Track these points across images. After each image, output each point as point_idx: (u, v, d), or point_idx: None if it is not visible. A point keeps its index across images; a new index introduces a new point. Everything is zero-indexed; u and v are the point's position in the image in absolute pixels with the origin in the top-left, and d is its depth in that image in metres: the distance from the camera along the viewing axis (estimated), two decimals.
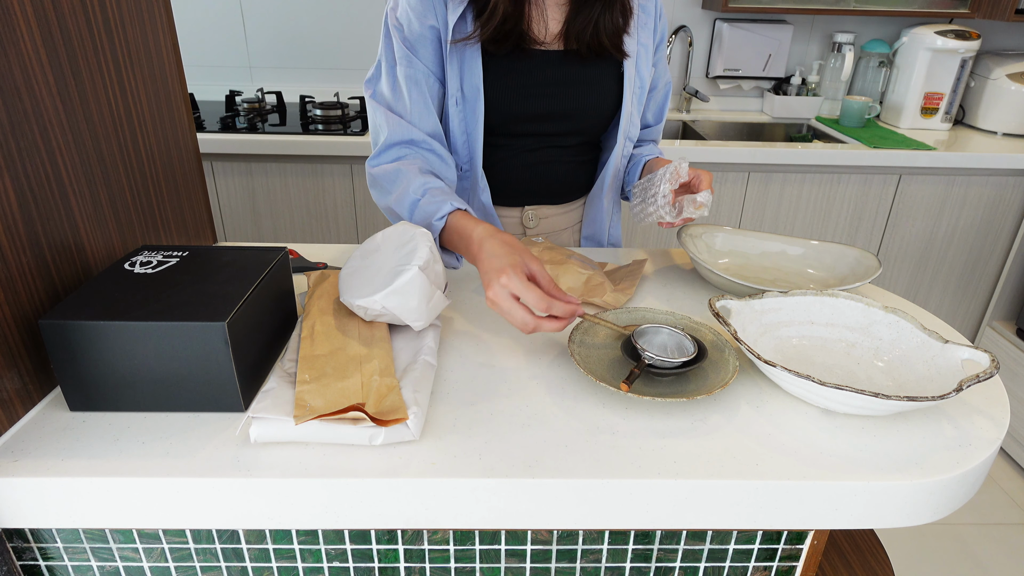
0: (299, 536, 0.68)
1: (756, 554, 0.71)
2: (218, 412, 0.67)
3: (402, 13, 0.97)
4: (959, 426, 0.67)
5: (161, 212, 0.90)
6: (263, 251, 0.77)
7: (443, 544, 0.69)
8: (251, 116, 2.08)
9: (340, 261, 1.03)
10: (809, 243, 1.01)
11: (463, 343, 0.81)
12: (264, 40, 2.32)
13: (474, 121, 1.01)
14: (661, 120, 1.21)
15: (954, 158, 1.96)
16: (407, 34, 0.97)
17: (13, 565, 0.67)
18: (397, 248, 0.77)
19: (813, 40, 2.40)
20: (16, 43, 0.64)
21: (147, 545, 0.68)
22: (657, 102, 1.18)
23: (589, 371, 0.71)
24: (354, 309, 0.75)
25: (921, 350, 0.73)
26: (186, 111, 0.97)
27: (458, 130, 1.02)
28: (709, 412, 0.69)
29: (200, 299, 0.65)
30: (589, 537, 0.69)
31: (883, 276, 2.18)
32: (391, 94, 1.00)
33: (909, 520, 0.62)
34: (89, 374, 0.64)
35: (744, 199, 2.03)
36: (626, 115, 1.08)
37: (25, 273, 0.65)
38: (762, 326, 0.79)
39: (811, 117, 2.39)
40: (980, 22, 2.32)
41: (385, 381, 0.66)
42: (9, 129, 0.63)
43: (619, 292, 0.91)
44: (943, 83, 2.21)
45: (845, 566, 0.96)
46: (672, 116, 2.40)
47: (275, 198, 2.00)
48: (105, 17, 0.77)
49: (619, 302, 0.89)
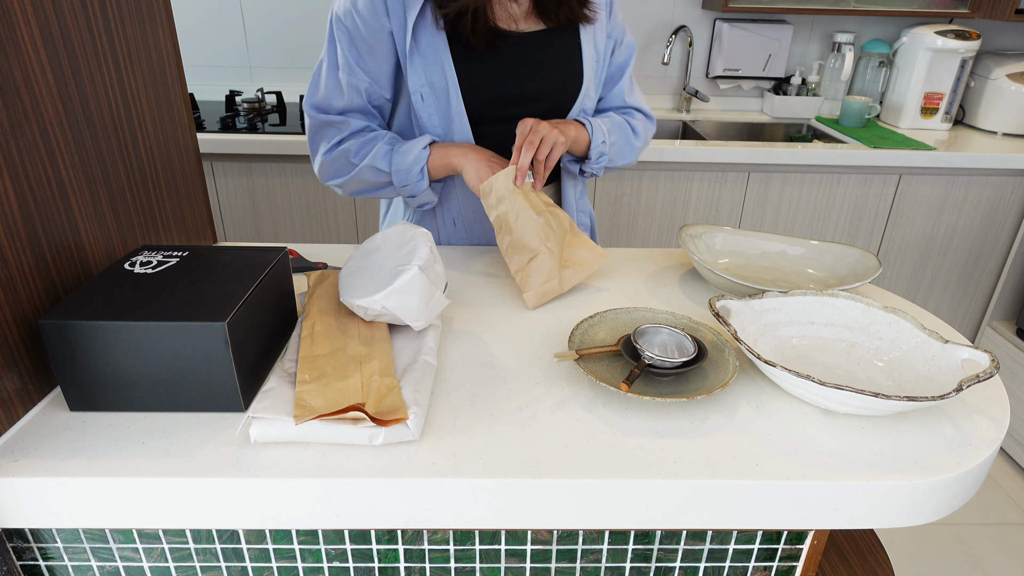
0: (299, 536, 0.68)
1: (756, 554, 0.71)
2: (218, 412, 0.67)
3: (346, 16, 0.96)
4: (959, 426, 0.67)
5: (161, 212, 0.90)
6: (263, 251, 0.77)
7: (443, 544, 0.69)
8: (251, 116, 2.08)
9: (340, 261, 1.03)
10: (809, 243, 1.01)
11: (463, 343, 0.81)
12: (264, 40, 2.32)
13: (447, 113, 1.02)
14: (621, 79, 1.18)
15: (954, 158, 1.96)
16: (354, 39, 0.97)
17: (13, 565, 0.67)
18: (397, 248, 0.77)
19: (813, 40, 2.40)
20: (16, 43, 0.64)
21: (147, 545, 0.68)
22: (617, 63, 1.17)
23: (589, 371, 0.71)
24: (354, 309, 0.75)
25: (921, 350, 0.73)
26: (186, 111, 0.97)
27: (430, 124, 1.02)
28: (709, 412, 0.69)
29: (200, 299, 0.65)
30: (589, 537, 0.69)
31: (883, 276, 2.18)
32: (332, 95, 1.01)
33: (909, 520, 0.62)
34: (89, 374, 0.64)
35: (744, 199, 2.03)
36: (584, 89, 1.09)
37: (25, 273, 0.65)
38: (762, 326, 0.79)
39: (811, 117, 2.39)
40: (980, 22, 2.32)
41: (385, 381, 0.66)
42: (9, 129, 0.63)
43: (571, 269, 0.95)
44: (943, 83, 2.21)
45: (845, 566, 0.96)
46: (672, 116, 2.40)
47: (275, 198, 2.00)
48: (105, 17, 0.77)
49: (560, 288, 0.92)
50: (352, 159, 1.02)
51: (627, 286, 0.97)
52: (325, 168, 1.05)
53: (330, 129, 1.02)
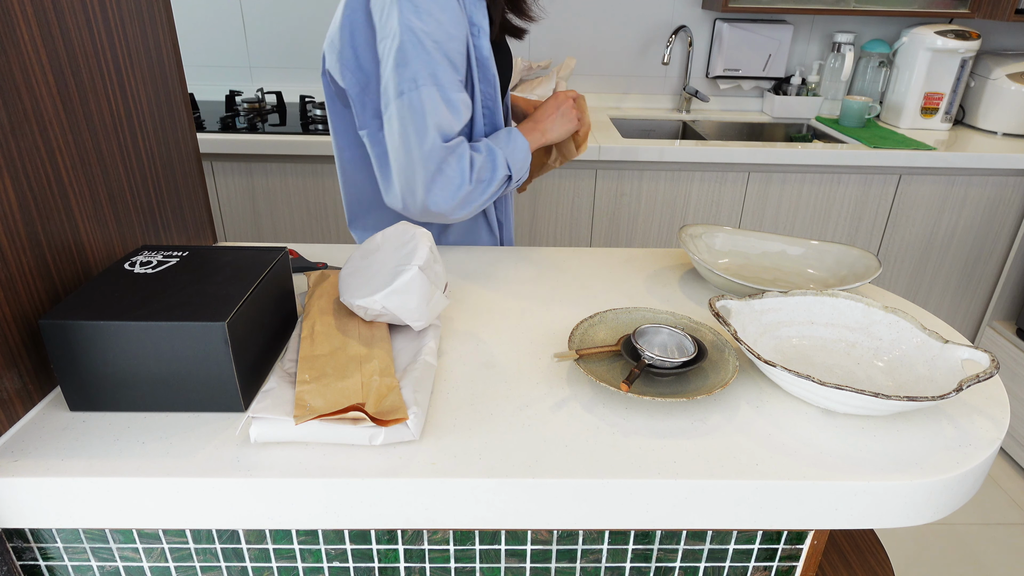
0: (299, 536, 0.68)
1: (756, 554, 0.71)
2: (218, 412, 0.67)
3: (435, 29, 0.89)
4: (959, 426, 0.67)
5: (161, 212, 0.90)
6: (263, 251, 0.77)
7: (443, 544, 0.69)
8: (251, 116, 2.08)
9: (340, 261, 1.03)
10: (809, 243, 1.01)
11: (463, 343, 0.81)
12: (264, 40, 2.32)
13: (493, 95, 1.03)
14: None
15: (954, 158, 1.96)
16: (449, 52, 0.91)
17: (13, 565, 0.67)
18: (397, 248, 0.77)
19: (813, 40, 2.40)
20: (16, 43, 0.64)
21: (147, 545, 0.68)
22: None
23: (589, 371, 0.71)
24: (354, 309, 0.75)
25: (921, 350, 0.73)
26: (186, 111, 0.97)
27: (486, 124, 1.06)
28: (709, 412, 0.69)
29: (200, 299, 0.65)
30: (589, 537, 0.69)
31: (883, 276, 2.18)
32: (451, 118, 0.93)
33: (909, 520, 0.62)
34: (89, 374, 0.64)
35: (744, 199, 2.03)
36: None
37: (25, 273, 0.65)
38: (762, 326, 0.79)
39: (811, 117, 2.39)
40: (980, 22, 2.32)
41: (385, 381, 0.66)
42: (9, 129, 0.63)
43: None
44: (943, 83, 2.21)
45: (845, 566, 0.96)
46: (672, 116, 2.40)
47: (275, 198, 2.00)
48: (105, 17, 0.77)
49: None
50: (484, 177, 0.97)
51: (627, 286, 0.97)
52: (470, 197, 0.96)
53: (454, 157, 0.93)
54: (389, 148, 0.95)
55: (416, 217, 0.98)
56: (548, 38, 2.35)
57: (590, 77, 2.42)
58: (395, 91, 0.90)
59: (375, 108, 0.98)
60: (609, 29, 2.35)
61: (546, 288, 0.96)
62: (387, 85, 0.92)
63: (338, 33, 0.97)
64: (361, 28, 0.94)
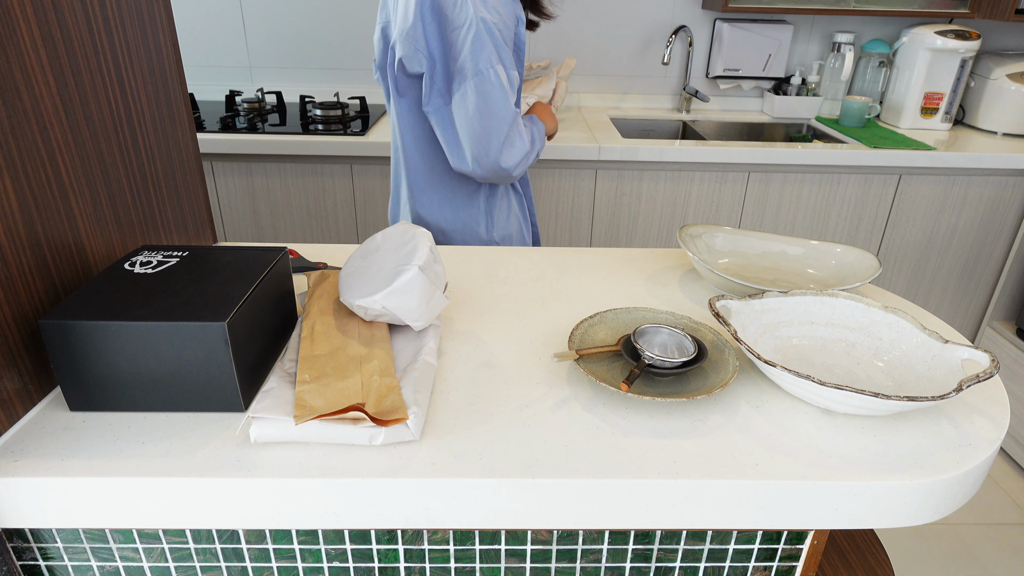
0: (299, 536, 0.68)
1: (756, 554, 0.71)
2: (218, 412, 0.67)
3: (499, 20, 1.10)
4: (959, 426, 0.67)
5: (161, 212, 0.90)
6: (263, 251, 0.77)
7: (443, 544, 0.69)
8: (251, 116, 2.08)
9: (340, 261, 1.03)
10: (809, 243, 1.01)
11: (463, 343, 0.81)
12: (264, 40, 2.32)
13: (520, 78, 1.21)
14: None
15: (954, 158, 1.96)
16: (508, 39, 1.12)
17: (13, 565, 0.67)
18: (397, 248, 0.77)
19: (813, 40, 2.40)
20: (16, 43, 0.64)
21: (147, 545, 0.68)
22: None
23: (589, 371, 0.71)
24: (354, 309, 0.75)
25: (921, 350, 0.73)
26: (186, 111, 0.97)
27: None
28: (709, 412, 0.69)
29: (200, 299, 0.65)
30: (589, 537, 0.69)
31: (883, 276, 2.18)
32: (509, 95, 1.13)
33: (909, 520, 0.62)
34: (89, 374, 0.64)
35: (744, 199, 2.03)
36: None
37: (25, 273, 0.65)
38: (762, 326, 0.79)
39: (811, 117, 2.39)
40: (980, 22, 2.32)
41: (385, 381, 0.66)
42: (9, 129, 0.63)
43: None
44: (943, 83, 2.21)
45: (845, 566, 0.96)
46: (672, 116, 2.40)
47: (275, 198, 2.00)
48: (105, 17, 0.77)
49: None
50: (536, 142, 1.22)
51: (627, 286, 0.97)
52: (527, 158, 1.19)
53: (517, 124, 1.15)
54: (461, 119, 1.13)
55: (482, 176, 1.19)
56: (548, 38, 2.35)
57: (590, 77, 2.43)
58: (472, 70, 1.09)
59: (440, 88, 1.15)
60: (609, 29, 2.35)
61: (546, 288, 0.96)
62: (463, 65, 1.10)
63: (412, 27, 1.14)
64: (430, 22, 1.13)
